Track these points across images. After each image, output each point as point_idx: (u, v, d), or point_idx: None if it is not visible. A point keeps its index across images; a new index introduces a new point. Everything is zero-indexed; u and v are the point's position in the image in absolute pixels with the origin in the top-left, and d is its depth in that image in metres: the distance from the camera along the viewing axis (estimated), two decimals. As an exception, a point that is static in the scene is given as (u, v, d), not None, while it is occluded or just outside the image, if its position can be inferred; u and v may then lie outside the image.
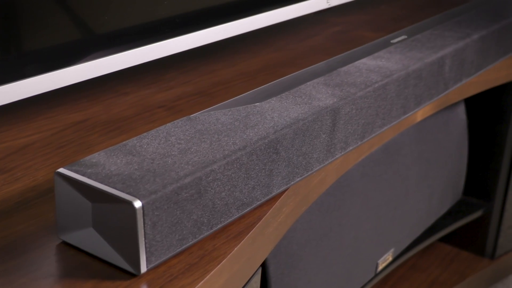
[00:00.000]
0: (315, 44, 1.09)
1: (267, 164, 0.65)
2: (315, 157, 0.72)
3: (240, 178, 0.63)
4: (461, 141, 1.18)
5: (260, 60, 1.02)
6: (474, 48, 0.97)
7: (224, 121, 0.68)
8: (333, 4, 1.04)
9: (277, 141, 0.66)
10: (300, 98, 0.73)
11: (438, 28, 0.99)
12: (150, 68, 0.96)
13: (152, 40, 0.90)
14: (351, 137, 0.77)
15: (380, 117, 0.80)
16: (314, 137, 0.71)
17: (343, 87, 0.77)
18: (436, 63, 0.89)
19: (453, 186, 1.19)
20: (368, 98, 0.77)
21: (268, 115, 0.69)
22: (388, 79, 0.80)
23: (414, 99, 0.86)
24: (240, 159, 0.62)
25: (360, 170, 0.93)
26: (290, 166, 0.69)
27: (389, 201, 1.00)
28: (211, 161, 0.60)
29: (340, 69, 0.82)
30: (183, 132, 0.65)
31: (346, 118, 0.75)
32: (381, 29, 1.18)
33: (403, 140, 1.01)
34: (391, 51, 0.89)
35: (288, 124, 0.68)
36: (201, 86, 0.92)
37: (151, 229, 0.55)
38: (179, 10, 0.94)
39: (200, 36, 0.95)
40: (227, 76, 0.96)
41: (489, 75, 1.09)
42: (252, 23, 0.95)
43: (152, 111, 0.85)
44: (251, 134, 0.65)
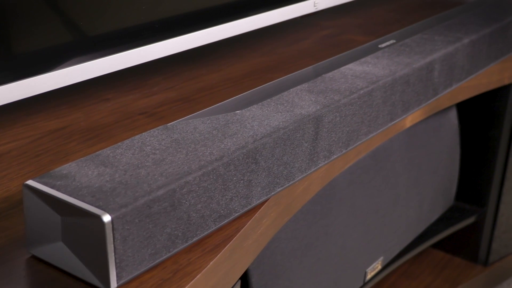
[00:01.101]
0: (303, 48, 1.07)
1: (245, 174, 0.63)
2: (297, 166, 0.70)
3: (217, 189, 0.61)
4: (453, 146, 1.16)
5: (246, 65, 1.00)
6: (465, 52, 0.95)
7: (202, 130, 0.66)
8: (320, 8, 1.02)
9: (256, 151, 0.64)
10: (282, 106, 0.71)
11: (427, 32, 0.97)
12: (134, 73, 0.94)
13: (135, 45, 0.88)
14: (335, 146, 0.75)
15: (365, 124, 0.78)
16: (296, 146, 0.69)
17: (327, 94, 0.75)
18: (425, 69, 0.87)
19: (444, 192, 1.17)
20: (353, 105, 0.75)
21: (248, 123, 0.67)
22: (374, 86, 0.78)
23: (401, 105, 0.84)
24: (217, 170, 0.60)
25: (347, 177, 0.91)
26: (271, 176, 0.67)
27: (378, 208, 0.98)
28: (186, 172, 0.58)
29: (325, 75, 0.80)
30: (158, 142, 0.63)
31: (329, 126, 0.73)
32: (371, 32, 1.16)
33: (392, 146, 0.99)
34: (378, 56, 0.87)
35: (268, 133, 0.66)
36: (184, 92, 0.90)
37: (122, 243, 0.53)
38: (163, 14, 0.92)
39: (185, 41, 0.93)
40: (212, 81, 0.94)
41: (480, 79, 1.07)
42: (237, 28, 0.93)
43: (132, 118, 0.83)
44: (229, 143, 0.63)
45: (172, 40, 0.91)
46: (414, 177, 1.06)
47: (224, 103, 0.76)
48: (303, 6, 0.96)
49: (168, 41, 0.91)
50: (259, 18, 0.93)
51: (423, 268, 1.29)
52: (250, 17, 0.92)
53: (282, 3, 0.94)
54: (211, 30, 0.94)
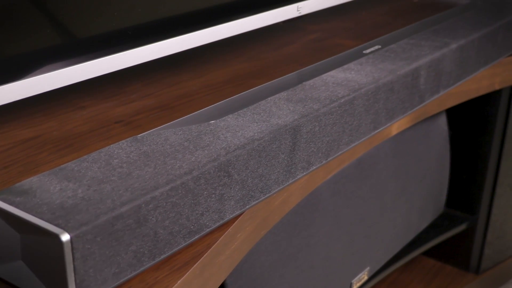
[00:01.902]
0: (289, 53, 1.05)
1: (217, 188, 0.61)
2: (273, 178, 0.67)
3: (186, 204, 0.58)
4: (443, 153, 1.13)
5: (229, 71, 0.98)
6: (452, 58, 0.93)
7: (173, 141, 0.63)
8: (304, 13, 0.99)
9: (229, 164, 0.62)
10: (259, 116, 0.69)
11: (414, 37, 0.94)
12: (112, 80, 0.91)
13: (113, 51, 0.86)
14: (314, 156, 0.72)
15: (347, 133, 0.76)
16: (272, 158, 0.66)
17: (306, 102, 0.72)
18: (410, 75, 0.84)
19: (434, 200, 1.14)
20: (333, 114, 0.73)
21: (221, 134, 0.65)
22: (355, 94, 0.76)
23: (385, 113, 0.82)
24: (186, 184, 0.58)
25: (331, 187, 0.89)
26: (245, 189, 0.64)
27: (364, 218, 0.96)
28: (152, 187, 0.56)
29: (305, 82, 0.78)
30: (127, 155, 0.60)
31: (308, 136, 0.70)
32: (359, 36, 1.13)
33: (379, 154, 0.97)
34: (362, 63, 0.84)
35: (242, 144, 0.63)
36: (163, 99, 0.88)
37: (82, 263, 0.51)
38: (142, 18, 0.90)
39: (165, 46, 0.90)
40: (193, 88, 0.92)
41: (470, 85, 1.04)
42: (218, 33, 0.91)
43: (108, 126, 0.80)
44: (201, 156, 0.61)
45: (152, 46, 0.89)
46: (402, 185, 1.04)
47: (200, 112, 0.74)
48: (286, 10, 0.94)
49: (148, 47, 0.89)
50: (240, 23, 0.91)
51: (414, 276, 1.27)
52: (231, 22, 0.90)
53: (264, 8, 0.92)
54: (193, 35, 0.92)
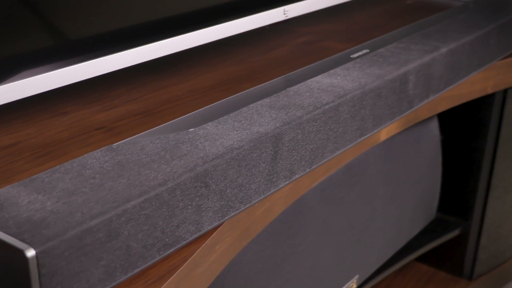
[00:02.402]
0: (277, 57, 1.03)
1: (194, 199, 0.59)
2: (253, 188, 0.66)
3: (160, 216, 0.57)
4: (434, 158, 1.11)
5: (216, 75, 0.96)
6: (443, 62, 0.91)
7: (150, 150, 0.62)
8: (291, 16, 0.97)
9: (206, 174, 0.60)
10: (239, 123, 0.67)
11: (404, 41, 0.93)
12: (96, 84, 0.90)
13: (97, 55, 0.84)
14: (297, 165, 0.70)
15: (331, 141, 0.74)
16: (252, 167, 0.65)
17: (289, 109, 0.71)
18: (398, 80, 0.83)
19: (425, 206, 1.13)
20: (316, 121, 0.71)
21: (200, 143, 0.63)
22: (340, 100, 0.74)
23: (372, 120, 0.80)
24: (161, 196, 0.56)
25: (318, 194, 0.87)
26: (224, 200, 0.63)
27: (353, 225, 0.94)
28: (125, 199, 0.54)
29: (289, 88, 0.76)
30: (100, 165, 0.59)
31: (290, 144, 0.68)
32: (350, 39, 1.11)
33: (368, 160, 0.95)
34: (349, 68, 0.83)
35: (220, 154, 0.62)
36: (147, 104, 0.86)
37: (49, 279, 0.49)
38: (127, 22, 0.88)
39: (151, 50, 0.88)
40: (178, 92, 0.90)
41: (462, 89, 1.02)
42: (203, 37, 0.89)
43: (89, 133, 0.79)
44: (177, 166, 0.59)
45: (137, 49, 0.87)
46: (393, 191, 1.02)
47: (181, 119, 0.73)
48: (272, 14, 0.92)
49: (133, 50, 0.87)
50: (225, 27, 0.89)
51: (407, 281, 1.25)
52: (216, 25, 0.88)
53: (249, 11, 0.90)
54: (178, 38, 0.90)
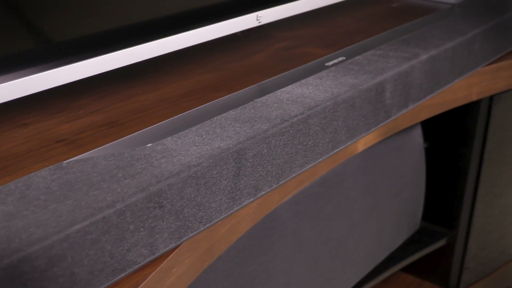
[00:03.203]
0: (254, 63, 1.00)
1: (146, 221, 0.56)
2: (214, 207, 0.62)
3: (109, 241, 0.53)
4: (418, 167, 1.08)
5: (188, 83, 0.92)
6: (423, 69, 0.88)
7: (102, 169, 0.58)
8: (265, 22, 0.94)
9: (160, 194, 0.56)
10: (200, 138, 0.64)
11: (382, 47, 0.89)
12: (61, 93, 0.86)
13: (62, 62, 0.80)
14: (263, 181, 0.67)
15: (301, 155, 0.71)
16: (212, 185, 0.61)
17: (255, 122, 0.67)
18: (374, 90, 0.79)
19: (409, 216, 1.09)
20: (284, 135, 0.68)
21: (155, 160, 0.60)
22: (310, 112, 0.71)
23: (345, 131, 0.77)
24: (108, 219, 0.53)
25: (292, 208, 0.83)
26: (180, 220, 0.59)
27: (329, 239, 0.91)
28: (68, 223, 0.51)
29: (257, 99, 0.72)
30: (47, 185, 0.55)
31: (255, 160, 0.65)
32: (331, 44, 1.08)
33: (346, 171, 0.91)
34: (322, 77, 0.79)
35: (177, 172, 0.58)
36: (113, 114, 0.83)
37: (-20, 312, 0.46)
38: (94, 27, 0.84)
39: (119, 57, 0.85)
40: (147, 102, 0.86)
41: (445, 97, 0.99)
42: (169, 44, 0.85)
43: (49, 146, 0.75)
44: (128, 186, 0.56)
45: (104, 57, 0.84)
46: (373, 202, 0.98)
47: (142, 132, 0.69)
48: (245, 20, 0.89)
49: (100, 58, 0.83)
50: (193, 34, 0.85)
51: (391, 293, 1.22)
52: (185, 32, 0.85)
53: (220, 18, 0.86)
54: (147, 45, 0.87)
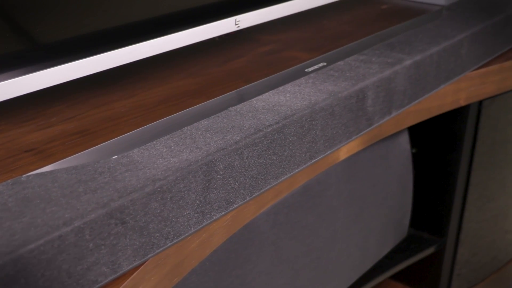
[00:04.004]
0: (235, 68, 0.97)
1: (107, 238, 0.53)
2: (182, 222, 0.60)
3: (66, 260, 0.51)
4: (405, 173, 1.05)
5: (165, 89, 0.90)
6: (407, 75, 0.85)
7: (63, 183, 0.56)
8: (243, 26, 0.91)
9: (122, 210, 0.54)
10: (169, 149, 0.61)
11: (365, 52, 0.87)
12: (32, 100, 0.84)
13: (35, 68, 0.78)
14: (235, 194, 0.64)
15: (275, 165, 0.68)
16: (179, 199, 0.59)
17: (227, 133, 0.65)
18: (354, 97, 0.77)
19: (395, 225, 1.07)
20: (257, 145, 0.65)
21: (119, 174, 0.57)
22: (286, 121, 0.68)
23: (324, 141, 0.74)
24: (65, 237, 0.50)
25: (271, 218, 0.81)
26: (145, 236, 0.57)
27: (310, 250, 0.88)
28: (21, 242, 0.48)
29: (231, 108, 0.70)
30: (3, 200, 0.53)
31: (225, 172, 0.62)
32: (316, 48, 1.05)
33: (328, 180, 0.89)
34: (301, 84, 0.76)
35: (140, 186, 0.56)
36: (86, 122, 0.80)
37: None
38: (69, 31, 0.82)
39: (96, 62, 0.82)
40: (122, 109, 0.84)
41: (431, 102, 0.96)
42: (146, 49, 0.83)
43: (17, 156, 0.73)
44: (89, 201, 0.53)
45: (79, 62, 0.81)
46: (357, 211, 0.96)
47: (108, 143, 0.67)
48: (223, 24, 0.86)
49: (74, 63, 0.81)
50: (168, 39, 0.83)
51: (379, 301, 1.19)
52: (161, 37, 0.82)
53: (198, 22, 0.84)
54: (124, 50, 0.84)
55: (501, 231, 1.31)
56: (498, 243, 1.32)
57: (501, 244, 1.33)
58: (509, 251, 1.38)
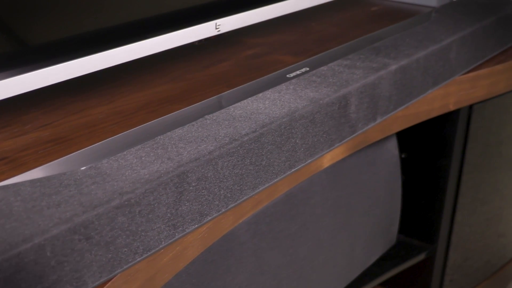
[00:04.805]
0: (219, 72, 0.95)
1: (71, 255, 0.51)
2: (151, 236, 0.58)
3: (25, 279, 0.48)
4: (393, 180, 1.03)
5: (145, 94, 0.88)
6: (392, 80, 0.83)
7: (25, 196, 0.53)
8: (224, 31, 0.89)
9: (87, 225, 0.52)
10: (139, 160, 0.59)
11: (350, 57, 0.84)
12: (8, 106, 0.81)
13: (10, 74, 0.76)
14: (209, 205, 0.62)
15: (252, 175, 0.66)
16: (149, 212, 0.57)
17: (201, 142, 0.62)
18: (336, 104, 0.74)
19: (383, 232, 1.04)
20: (232, 155, 0.63)
21: (85, 186, 0.55)
22: (263, 129, 0.66)
23: (304, 149, 0.72)
24: (24, 254, 0.48)
25: (252, 228, 0.79)
26: (112, 252, 0.55)
27: (294, 260, 0.86)
28: (-24, 261, 0.46)
29: (207, 116, 0.68)
30: (-40, 216, 0.51)
31: (199, 183, 0.60)
32: (302, 52, 1.03)
33: (312, 188, 0.87)
34: (281, 90, 0.74)
35: (107, 200, 0.53)
36: (61, 130, 0.78)
37: None
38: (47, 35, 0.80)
39: (74, 67, 0.80)
40: (100, 115, 0.82)
41: (419, 107, 0.94)
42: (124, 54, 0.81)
43: (-13, 165, 0.70)
44: (51, 217, 0.51)
45: (58, 67, 0.79)
46: (343, 219, 0.93)
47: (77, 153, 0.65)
48: (203, 28, 0.84)
49: (53, 68, 0.78)
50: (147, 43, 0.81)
51: (369, 309, 1.17)
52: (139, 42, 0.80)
53: (178, 26, 0.82)
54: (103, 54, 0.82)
55: (494, 234, 1.29)
56: (491, 247, 1.30)
57: (494, 248, 1.31)
58: (502, 255, 1.36)
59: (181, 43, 0.83)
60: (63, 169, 0.61)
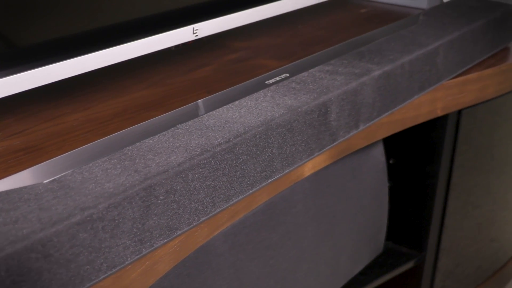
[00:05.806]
0: (200, 77, 0.93)
1: (27, 274, 0.49)
2: (116, 252, 0.55)
3: (-24, 300, 0.46)
4: (379, 187, 1.01)
5: (124, 100, 0.85)
6: (375, 87, 0.81)
7: (-18, 212, 0.51)
8: (202, 35, 0.86)
9: (44, 242, 0.49)
10: (104, 173, 0.57)
11: (332, 62, 0.82)
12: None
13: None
14: (178, 219, 0.60)
15: (226, 187, 0.64)
16: (113, 228, 0.54)
17: (171, 154, 0.60)
18: (316, 111, 0.72)
19: (370, 240, 1.02)
20: (204, 167, 0.61)
21: (46, 201, 0.53)
22: (237, 139, 0.64)
23: (282, 159, 0.69)
24: (-25, 275, 0.46)
25: (230, 239, 0.76)
26: (72, 270, 0.52)
27: (275, 271, 0.84)
28: None
29: (180, 125, 0.65)
30: None
31: (167, 196, 0.58)
32: (287, 55, 1.01)
33: (294, 197, 0.84)
34: (258, 98, 0.72)
35: (67, 216, 0.51)
36: (33, 138, 0.76)
37: None
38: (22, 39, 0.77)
39: (48, 72, 0.78)
40: (74, 123, 0.79)
41: (406, 113, 0.92)
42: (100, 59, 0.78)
43: (-49, 176, 0.68)
44: (7, 234, 0.48)
45: (31, 72, 0.77)
46: (327, 228, 0.91)
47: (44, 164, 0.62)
48: (180, 33, 0.81)
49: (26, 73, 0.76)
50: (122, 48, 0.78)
51: (357, 318, 1.14)
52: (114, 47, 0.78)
53: (154, 30, 0.79)
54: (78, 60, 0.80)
55: (486, 239, 1.26)
56: (483, 252, 1.28)
57: (486, 253, 1.29)
58: (495, 260, 1.34)
59: (157, 49, 0.80)
60: (30, 182, 0.59)
